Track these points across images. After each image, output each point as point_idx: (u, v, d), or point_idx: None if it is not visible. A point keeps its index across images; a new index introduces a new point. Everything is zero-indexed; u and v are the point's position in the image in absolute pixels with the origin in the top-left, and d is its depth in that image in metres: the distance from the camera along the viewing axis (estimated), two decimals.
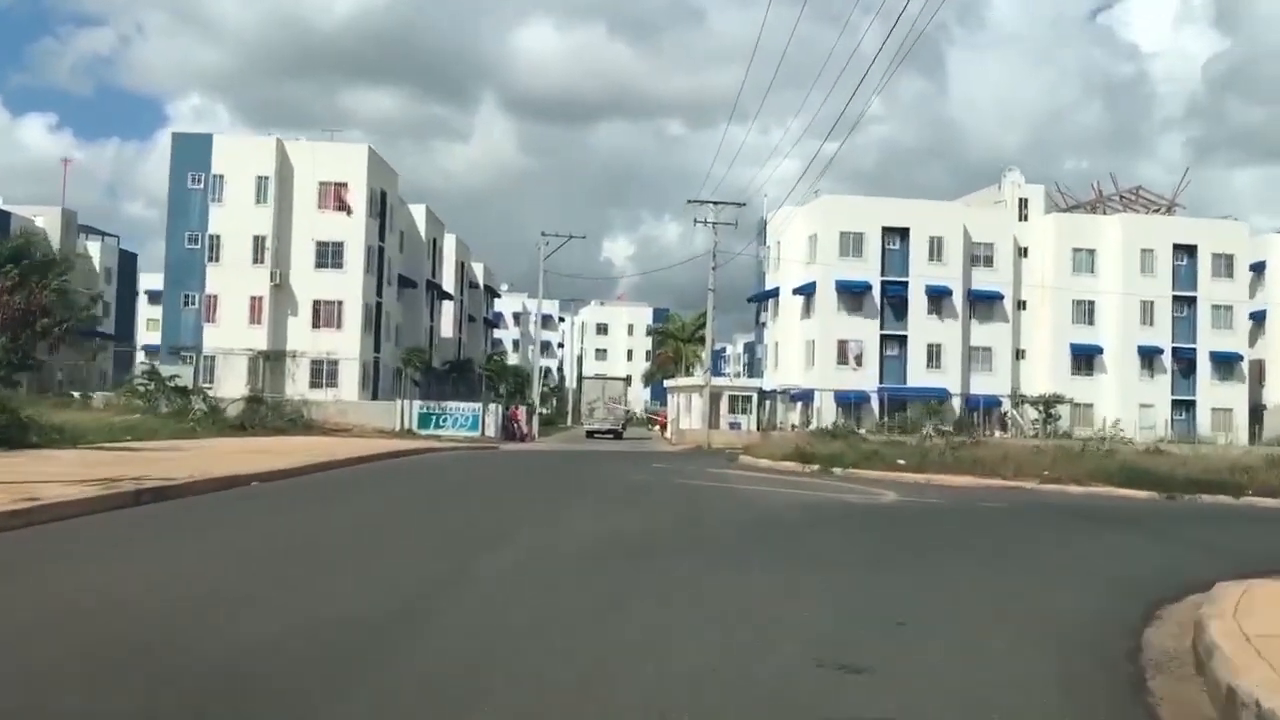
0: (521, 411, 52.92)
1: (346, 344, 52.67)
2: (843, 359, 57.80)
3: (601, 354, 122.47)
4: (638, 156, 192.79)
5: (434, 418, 50.08)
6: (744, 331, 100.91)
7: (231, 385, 50.32)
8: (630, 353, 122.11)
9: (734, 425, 55.32)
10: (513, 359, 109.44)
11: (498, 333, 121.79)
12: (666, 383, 65.20)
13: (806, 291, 58.78)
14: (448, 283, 77.04)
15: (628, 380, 65.85)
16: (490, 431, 50.09)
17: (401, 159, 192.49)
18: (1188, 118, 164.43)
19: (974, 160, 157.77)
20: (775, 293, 62.27)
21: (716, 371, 62.26)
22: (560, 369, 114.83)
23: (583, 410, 63.96)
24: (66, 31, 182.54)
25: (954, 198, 68.25)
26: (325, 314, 53.04)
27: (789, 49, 61.63)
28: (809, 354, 59.12)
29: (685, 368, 74.27)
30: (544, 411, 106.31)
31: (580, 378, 65.50)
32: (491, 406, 50.81)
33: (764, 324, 65.10)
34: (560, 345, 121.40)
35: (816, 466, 26.75)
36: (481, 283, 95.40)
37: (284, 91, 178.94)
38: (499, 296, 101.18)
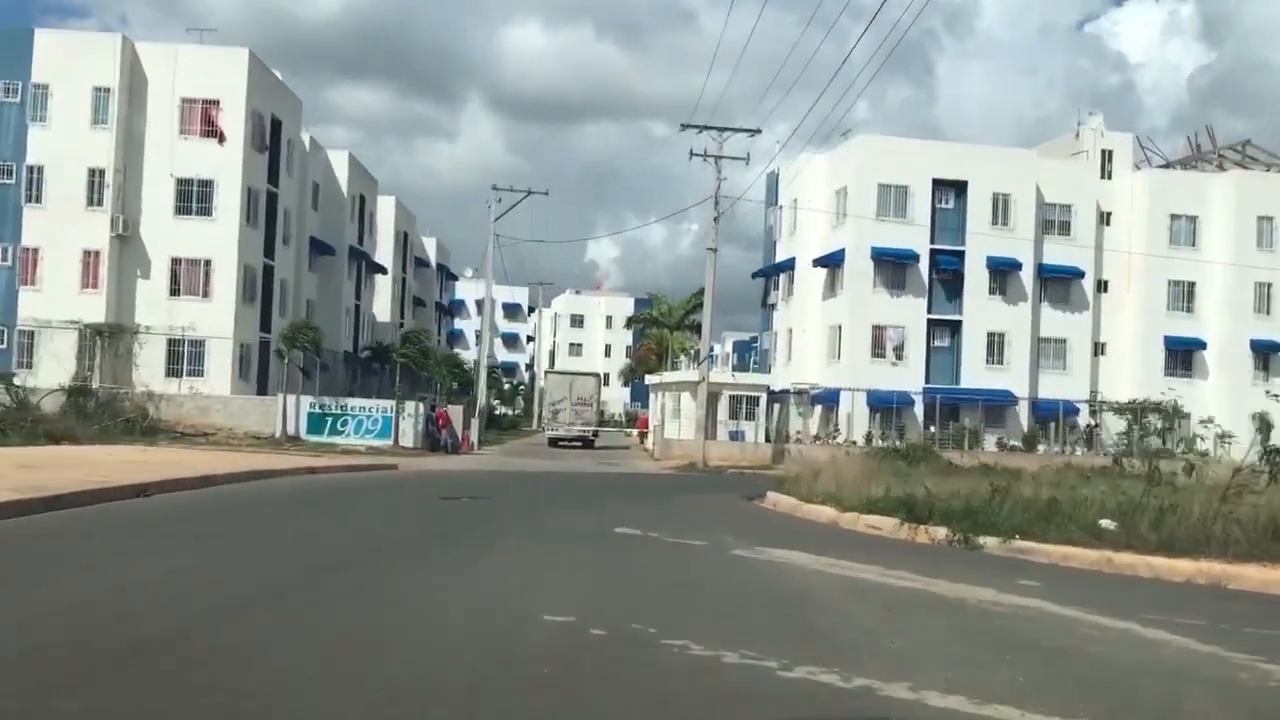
0: (451, 414, 39.30)
1: (216, 318, 38.92)
2: (878, 350, 44.39)
3: (576, 349, 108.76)
4: (623, 157, 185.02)
5: (331, 420, 36.57)
6: (735, 331, 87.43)
7: (55, 370, 36.57)
8: (609, 348, 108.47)
9: (735, 435, 41.93)
10: (473, 354, 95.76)
11: (458, 323, 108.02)
12: (649, 378, 51.70)
13: (832, 262, 45.35)
14: (383, 254, 63.34)
15: (602, 377, 52.30)
16: (408, 439, 36.62)
17: (385, 156, 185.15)
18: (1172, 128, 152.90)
19: None
20: (788, 265, 48.81)
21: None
22: (531, 365, 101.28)
23: (544, 412, 50.36)
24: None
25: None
26: (188, 277, 39.25)
27: (774, 51, 48.05)
28: (833, 343, 45.68)
29: (671, 362, 60.70)
30: (507, 413, 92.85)
31: (546, 373, 51.67)
32: (410, 406, 37.19)
33: (772, 306, 51.57)
34: (530, 339, 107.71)
35: (945, 532, 13.35)
36: (434, 260, 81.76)
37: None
38: (456, 279, 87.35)
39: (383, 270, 60.56)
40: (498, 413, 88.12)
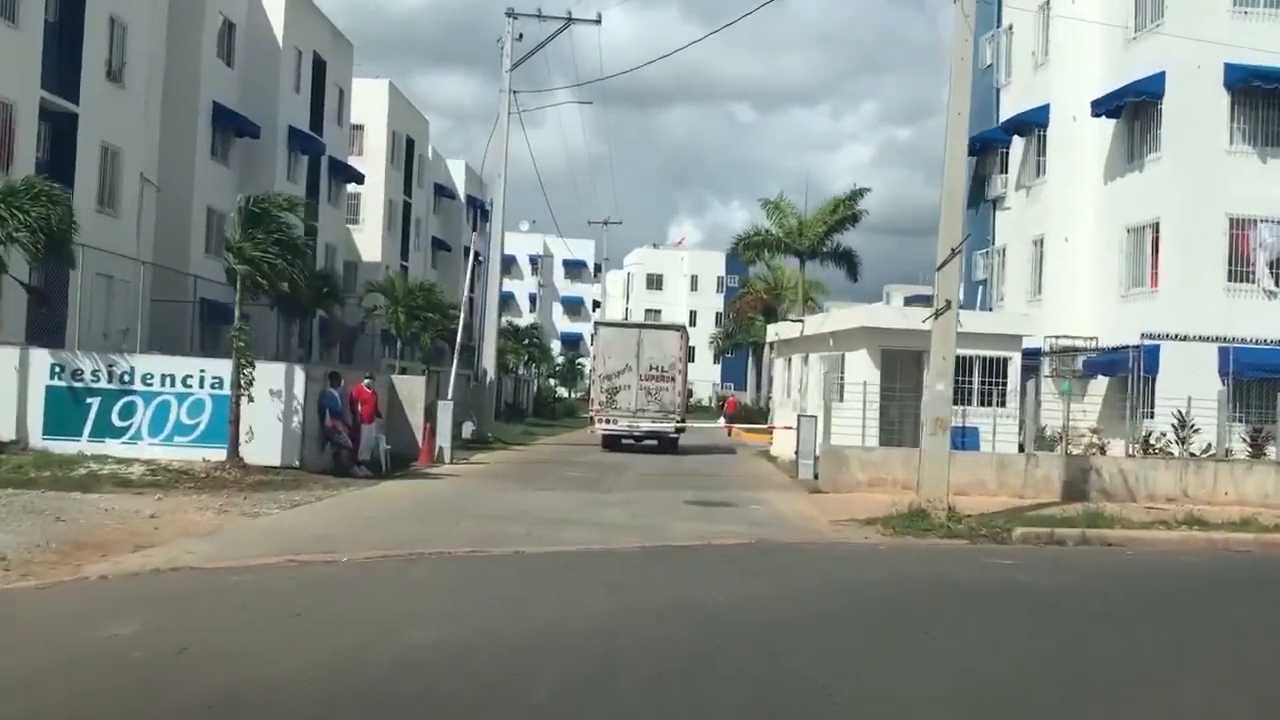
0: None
1: None
2: (1239, 267, 22.66)
3: (653, 316, 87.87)
4: (706, 141, 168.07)
5: (98, 404, 16.34)
6: (904, 285, 64.58)
7: None
8: (694, 315, 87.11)
9: (964, 435, 20.67)
10: (527, 320, 75.85)
11: (507, 284, 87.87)
12: (772, 331, 30.41)
13: (1138, 98, 23.60)
14: (369, 157, 43.51)
15: (689, 333, 31.21)
16: (269, 445, 16.16)
17: (473, 143, 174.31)
18: None
19: None
20: (1032, 121, 27.00)
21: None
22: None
23: (594, 391, 29.58)
24: None
25: None
26: None
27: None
28: (1134, 259, 24.09)
29: (786, 313, 39.16)
30: (564, 396, 72.66)
31: (597, 325, 30.61)
32: (274, 373, 16.93)
33: (995, 202, 29.59)
34: (596, 305, 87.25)
35: None
36: (463, 193, 61.67)
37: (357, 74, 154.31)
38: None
39: (355, 178, 40.45)
40: (556, 396, 68.26)
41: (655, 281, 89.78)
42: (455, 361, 21.51)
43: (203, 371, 16.93)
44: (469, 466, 21.51)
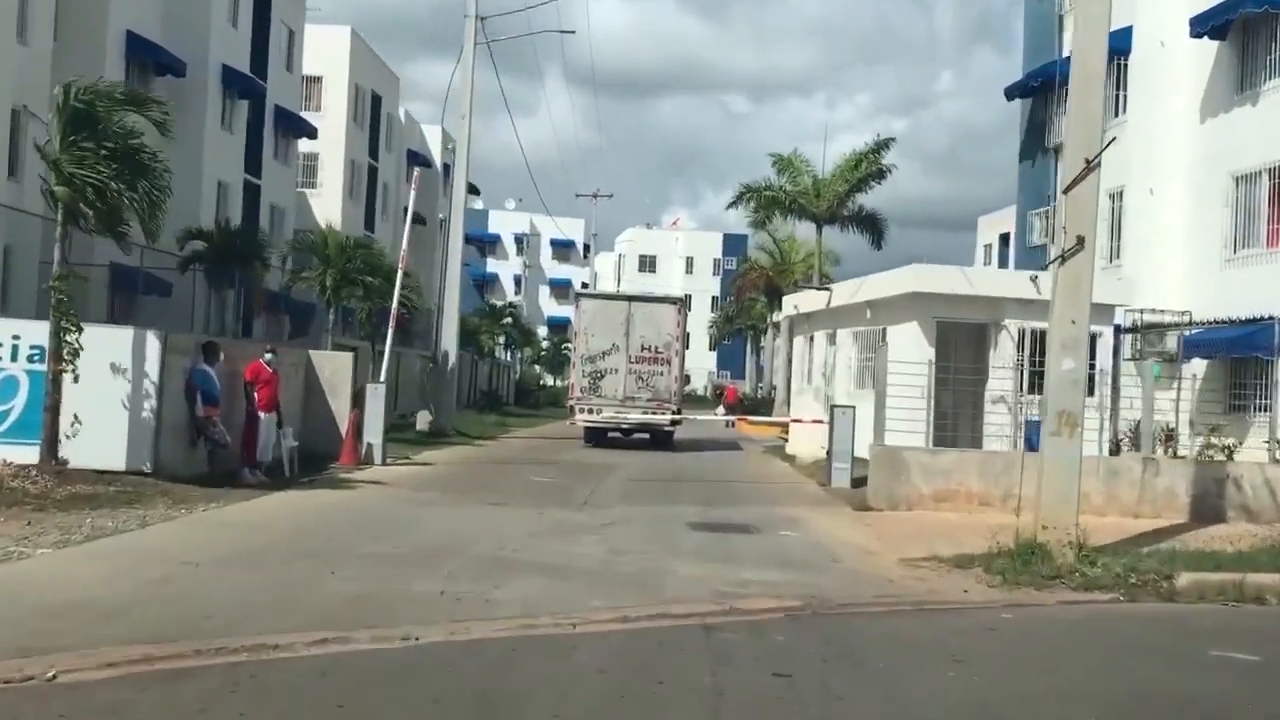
0: (274, 376, 14.08)
1: None
2: None
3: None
4: (702, 132, 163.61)
5: None
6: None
7: None
8: (689, 299, 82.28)
9: (1034, 433, 15.82)
10: (521, 313, 70.98)
11: (491, 264, 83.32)
12: (789, 304, 25.47)
13: (1248, 5, 18.80)
14: (329, 115, 38.78)
15: (688, 305, 26.21)
16: (113, 441, 11.20)
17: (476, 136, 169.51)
18: None
19: None
20: (1109, 49, 22.33)
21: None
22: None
23: (578, 371, 24.67)
24: None
25: None
26: None
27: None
28: (1244, 212, 19.41)
29: (795, 283, 34.25)
30: (548, 383, 67.92)
31: (578, 296, 25.74)
32: (155, 349, 12.13)
33: (1062, 149, 24.89)
34: (585, 286, 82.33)
35: None
36: (439, 161, 56.62)
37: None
38: (476, 194, 62.03)
39: (304, 130, 35.57)
40: (540, 384, 63.56)
41: (648, 263, 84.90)
42: (390, 337, 16.76)
43: (16, 339, 12.19)
44: (406, 469, 16.78)
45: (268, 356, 14.61)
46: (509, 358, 60.65)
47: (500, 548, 9.79)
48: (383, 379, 16.87)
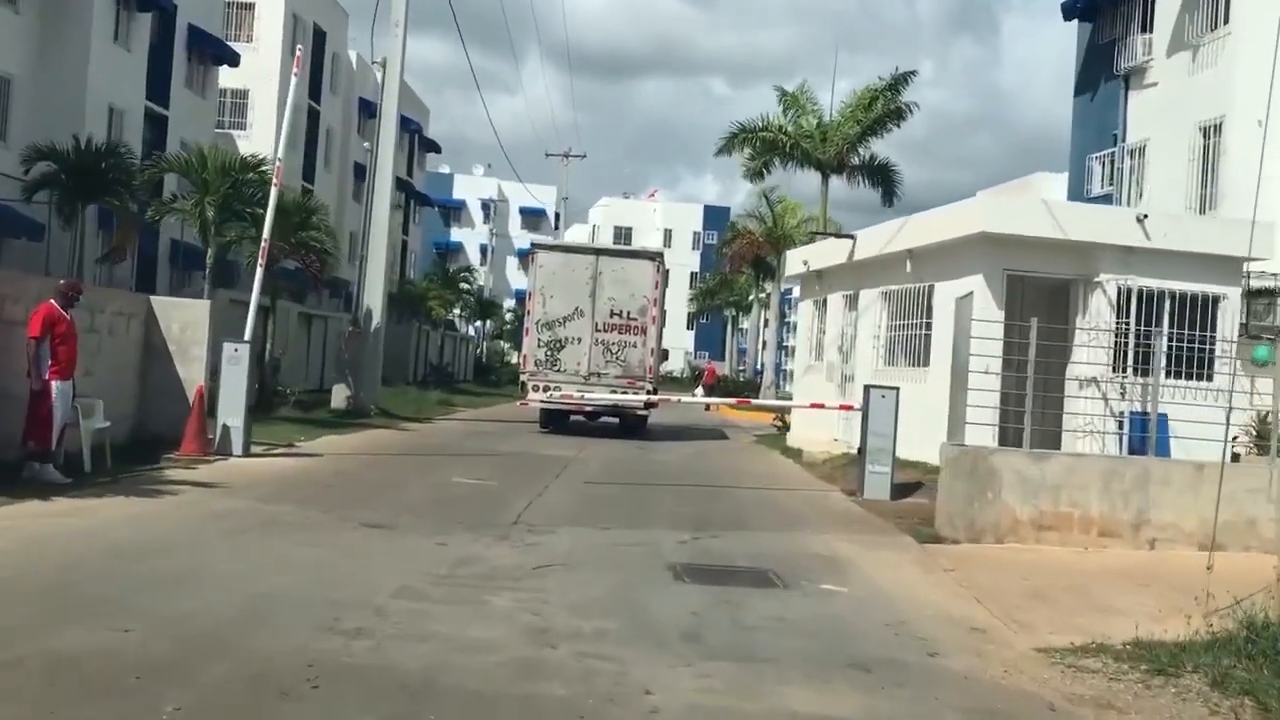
0: (71, 326, 9.25)
1: None
2: None
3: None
4: (683, 113, 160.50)
5: None
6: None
7: None
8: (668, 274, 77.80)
9: (1138, 430, 11.41)
10: (479, 279, 66.11)
11: (456, 233, 78.45)
12: (803, 258, 20.79)
13: None
14: (262, 47, 34.05)
15: (661, 260, 21.56)
16: None
17: (446, 109, 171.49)
18: None
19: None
20: None
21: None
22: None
23: (531, 339, 20.09)
24: None
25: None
26: None
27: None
28: None
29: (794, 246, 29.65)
30: (512, 360, 63.00)
31: (535, 247, 20.83)
32: None
33: (1134, 75, 20.21)
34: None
35: None
36: (395, 111, 51.42)
37: None
38: (437, 151, 56.81)
39: (226, 57, 30.69)
40: (505, 360, 58.78)
41: (624, 235, 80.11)
42: (258, 282, 12.12)
43: None
44: (273, 463, 12.16)
45: (60, 298, 9.96)
46: (470, 330, 55.92)
47: (330, 627, 5.27)
48: (246, 337, 12.27)
